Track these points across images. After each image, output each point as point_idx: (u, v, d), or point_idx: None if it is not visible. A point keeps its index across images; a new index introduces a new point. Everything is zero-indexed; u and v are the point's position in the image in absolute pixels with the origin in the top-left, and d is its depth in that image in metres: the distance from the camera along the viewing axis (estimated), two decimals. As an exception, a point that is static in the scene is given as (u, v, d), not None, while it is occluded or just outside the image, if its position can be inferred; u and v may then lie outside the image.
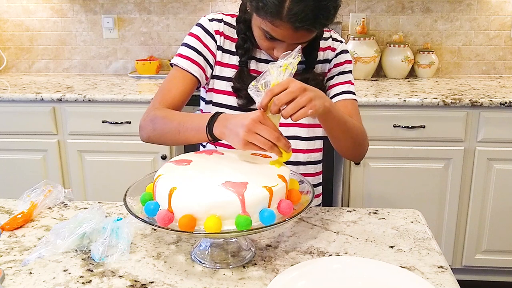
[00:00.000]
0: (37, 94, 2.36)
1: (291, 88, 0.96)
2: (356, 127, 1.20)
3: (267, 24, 1.08)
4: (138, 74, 2.79)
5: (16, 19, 2.94)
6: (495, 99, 2.19)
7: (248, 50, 1.24)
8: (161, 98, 1.22)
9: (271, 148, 0.95)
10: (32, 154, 2.44)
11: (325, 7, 1.05)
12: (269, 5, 1.04)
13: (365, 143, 1.26)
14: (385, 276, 0.89)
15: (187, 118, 1.11)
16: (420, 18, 2.76)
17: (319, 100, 1.00)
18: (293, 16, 1.03)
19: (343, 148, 1.24)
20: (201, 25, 1.27)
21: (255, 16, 1.12)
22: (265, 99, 0.97)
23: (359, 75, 2.67)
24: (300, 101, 0.96)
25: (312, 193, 0.99)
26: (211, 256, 0.97)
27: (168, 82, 1.25)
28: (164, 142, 1.19)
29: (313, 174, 1.36)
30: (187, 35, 1.28)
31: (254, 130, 0.95)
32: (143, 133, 1.21)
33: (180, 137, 1.12)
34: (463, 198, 2.32)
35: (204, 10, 2.84)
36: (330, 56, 1.31)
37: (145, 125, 1.19)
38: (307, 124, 1.30)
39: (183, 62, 1.24)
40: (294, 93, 0.96)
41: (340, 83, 1.30)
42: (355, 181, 2.33)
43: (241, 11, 1.25)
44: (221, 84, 1.28)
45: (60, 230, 1.02)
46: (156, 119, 1.16)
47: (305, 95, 0.97)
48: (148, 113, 1.20)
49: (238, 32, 1.26)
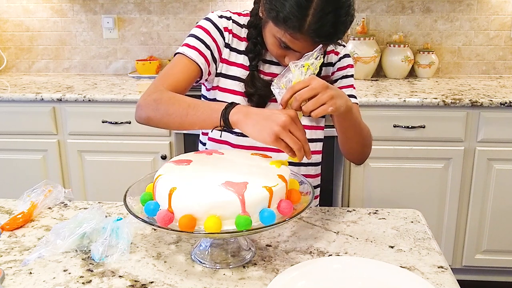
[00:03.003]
0: (37, 94, 2.36)
1: (313, 85, 0.97)
2: (367, 129, 1.24)
3: (286, 36, 1.07)
4: (138, 74, 2.79)
5: (16, 19, 2.94)
6: (495, 99, 2.19)
7: (259, 54, 1.23)
8: (164, 80, 1.17)
9: (299, 150, 0.95)
10: (32, 154, 2.44)
11: (344, 22, 1.06)
12: (292, 19, 1.03)
13: (370, 146, 1.30)
14: (385, 276, 0.89)
15: (198, 102, 1.08)
16: (420, 18, 2.76)
17: (341, 99, 1.02)
18: (314, 31, 1.04)
19: (351, 149, 1.26)
20: (210, 20, 1.24)
21: (272, 25, 1.10)
22: (286, 95, 0.98)
23: (359, 75, 2.67)
24: (322, 98, 0.97)
25: (312, 193, 0.99)
26: (211, 256, 0.97)
27: (173, 67, 1.20)
28: (166, 124, 1.12)
29: (313, 175, 1.36)
30: (195, 27, 1.24)
31: (289, 128, 0.95)
32: (143, 112, 1.14)
33: (186, 120, 1.07)
34: (463, 198, 2.32)
35: (204, 10, 2.83)
36: (334, 59, 1.31)
37: (146, 104, 1.13)
38: (309, 126, 1.31)
39: (191, 52, 1.20)
40: (316, 89, 0.97)
41: (343, 87, 1.30)
42: (355, 181, 2.33)
43: (252, 15, 1.24)
44: (227, 82, 1.26)
45: (60, 230, 1.02)
46: (162, 100, 1.11)
47: (326, 93, 0.98)
48: (150, 93, 1.14)
49: (249, 36, 1.24)
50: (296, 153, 0.95)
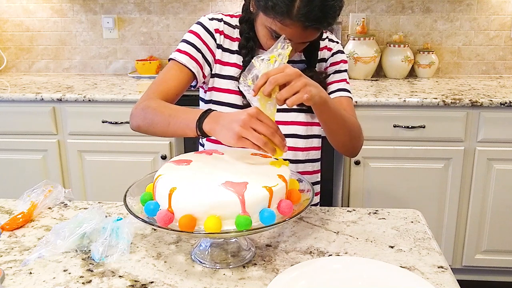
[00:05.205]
0: (37, 94, 2.36)
1: (287, 71, 0.97)
2: (352, 120, 1.23)
3: (276, 24, 1.09)
4: (138, 74, 2.79)
5: (16, 19, 2.94)
6: (495, 99, 2.19)
7: (252, 50, 1.25)
8: (156, 88, 1.22)
9: (264, 145, 0.95)
10: (32, 154, 2.44)
11: (332, 6, 1.07)
12: (280, 5, 1.05)
13: (360, 137, 1.29)
14: (385, 276, 0.89)
15: (178, 112, 1.11)
16: (420, 18, 2.76)
17: (315, 88, 1.01)
18: (303, 15, 1.05)
19: (339, 142, 1.25)
20: (201, 24, 1.28)
21: (262, 15, 1.13)
22: (261, 81, 0.97)
23: (359, 75, 2.67)
24: (296, 85, 0.97)
25: (312, 191, 0.99)
26: (211, 256, 0.97)
27: (164, 74, 1.25)
28: (153, 132, 1.18)
29: (311, 172, 1.37)
30: (187, 32, 1.28)
31: (250, 125, 0.95)
32: (134, 121, 1.21)
33: (169, 129, 1.12)
34: (463, 198, 2.32)
35: (204, 10, 2.84)
36: (327, 55, 1.33)
37: (136, 113, 1.19)
38: (305, 122, 1.31)
39: (181, 56, 1.24)
40: (290, 76, 0.97)
41: (336, 81, 1.32)
42: (355, 181, 2.33)
43: (243, 11, 1.26)
44: (222, 82, 1.28)
45: (60, 230, 1.02)
46: (148, 109, 1.16)
47: (300, 80, 0.98)
48: (140, 102, 1.20)
49: (241, 32, 1.26)
50: (264, 148, 0.95)
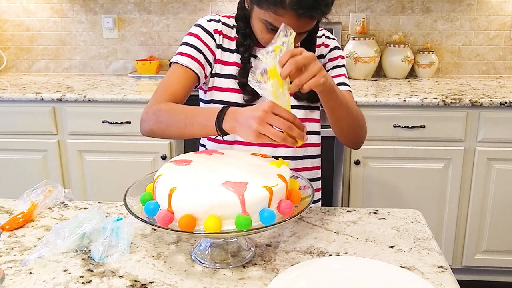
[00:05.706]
0: (37, 94, 2.36)
1: (305, 54, 0.98)
2: (356, 109, 1.25)
3: (270, 15, 1.10)
4: (138, 74, 2.79)
5: (16, 19, 2.94)
6: (495, 99, 2.19)
7: (249, 47, 1.26)
8: (163, 92, 1.22)
9: (283, 140, 0.95)
10: (32, 154, 2.44)
11: None
12: None
13: (364, 127, 1.31)
14: (385, 276, 0.89)
15: (194, 112, 1.11)
16: (420, 18, 2.76)
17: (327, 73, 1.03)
18: (296, 3, 1.06)
19: (343, 130, 1.26)
20: (199, 25, 1.29)
21: (256, 9, 1.14)
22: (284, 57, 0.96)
23: (359, 75, 2.67)
24: (314, 68, 0.99)
25: (311, 188, 0.99)
26: (211, 256, 0.97)
27: (169, 78, 1.25)
28: (168, 135, 1.18)
29: (309, 168, 1.37)
30: (186, 35, 1.29)
31: (266, 121, 0.95)
32: (146, 126, 1.20)
33: (186, 131, 1.11)
34: (463, 198, 2.32)
35: (204, 10, 2.84)
36: (324, 52, 1.35)
37: (147, 118, 1.19)
38: (303, 119, 1.32)
39: (184, 59, 1.24)
40: (308, 59, 0.98)
41: (335, 76, 1.33)
42: (355, 181, 2.33)
43: (239, 8, 1.28)
44: (222, 81, 1.29)
45: (60, 230, 1.02)
46: (160, 112, 1.15)
47: (316, 64, 0.99)
48: (150, 107, 1.19)
49: (237, 29, 1.28)
50: (284, 143, 0.96)
